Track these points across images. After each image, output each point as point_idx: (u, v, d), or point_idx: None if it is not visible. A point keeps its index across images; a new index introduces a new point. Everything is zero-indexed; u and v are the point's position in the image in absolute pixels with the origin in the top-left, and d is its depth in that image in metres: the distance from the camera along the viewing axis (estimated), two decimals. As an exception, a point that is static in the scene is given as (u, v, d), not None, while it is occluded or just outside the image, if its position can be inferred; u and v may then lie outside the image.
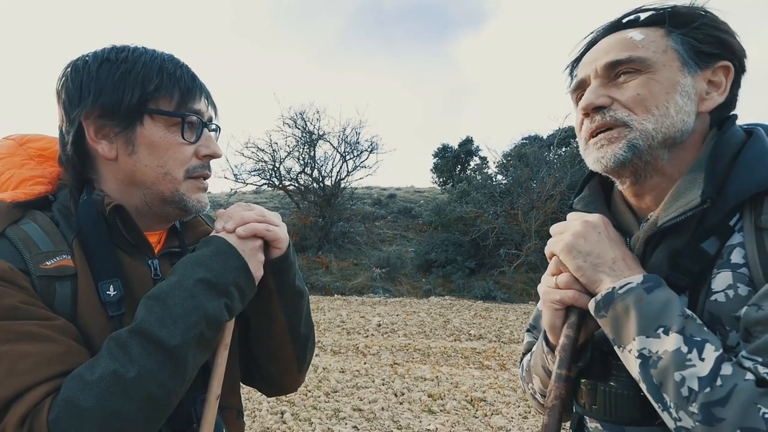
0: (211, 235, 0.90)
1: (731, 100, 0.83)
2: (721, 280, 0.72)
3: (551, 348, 0.88)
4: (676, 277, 0.76)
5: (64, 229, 0.83)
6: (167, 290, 0.78)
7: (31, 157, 0.92)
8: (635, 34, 0.81)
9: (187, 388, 0.80)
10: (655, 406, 0.69)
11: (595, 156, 0.83)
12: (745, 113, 0.86)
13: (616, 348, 0.75)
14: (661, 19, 0.81)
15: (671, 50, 0.79)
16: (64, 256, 0.80)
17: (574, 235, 0.81)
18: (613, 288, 0.74)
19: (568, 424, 0.94)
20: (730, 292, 0.71)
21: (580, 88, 0.87)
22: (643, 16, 0.83)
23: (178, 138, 0.86)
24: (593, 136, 0.83)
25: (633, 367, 0.72)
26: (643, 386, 0.71)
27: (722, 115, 0.83)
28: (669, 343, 0.68)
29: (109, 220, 0.84)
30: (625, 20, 0.85)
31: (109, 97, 0.83)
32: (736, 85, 0.82)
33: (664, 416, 0.68)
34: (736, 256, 0.72)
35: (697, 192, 0.74)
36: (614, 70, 0.81)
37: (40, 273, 0.76)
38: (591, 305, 0.77)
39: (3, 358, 0.69)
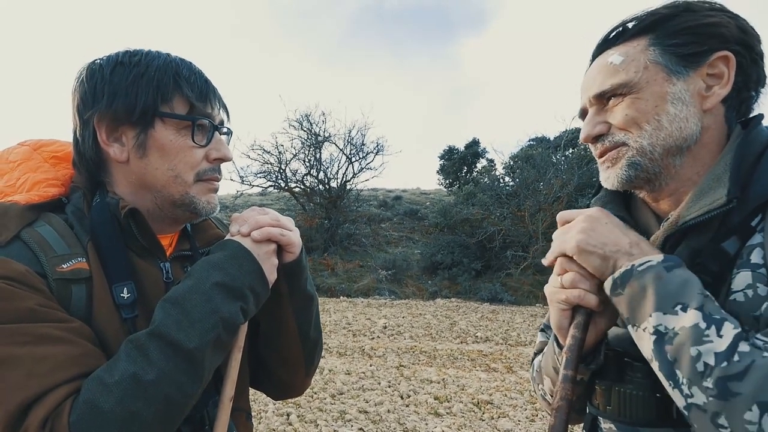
0: (226, 238, 0.90)
1: (744, 85, 0.81)
2: (741, 279, 0.71)
3: (562, 349, 0.88)
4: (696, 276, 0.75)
5: (78, 232, 0.83)
6: (184, 293, 0.78)
7: (45, 160, 0.93)
8: (615, 57, 0.82)
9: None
10: (666, 384, 0.68)
11: (604, 176, 0.88)
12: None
13: (630, 328, 0.74)
14: (640, 30, 0.82)
15: (653, 65, 0.79)
16: (79, 259, 0.80)
17: (581, 231, 0.80)
18: (632, 265, 0.73)
19: (580, 425, 0.94)
20: (750, 292, 0.70)
21: (583, 115, 0.91)
22: (628, 26, 0.83)
23: (189, 141, 0.87)
24: (601, 157, 0.88)
25: (646, 344, 0.71)
26: (654, 365, 0.70)
27: (742, 99, 0.82)
28: (687, 320, 0.67)
29: (123, 223, 0.85)
30: (609, 38, 0.86)
31: (121, 101, 0.83)
32: (749, 68, 0.80)
33: (674, 394, 0.67)
34: (756, 257, 0.71)
35: (722, 191, 0.73)
36: (603, 98, 0.84)
37: (57, 276, 0.77)
38: (607, 284, 0.76)
39: (22, 360, 0.69)
